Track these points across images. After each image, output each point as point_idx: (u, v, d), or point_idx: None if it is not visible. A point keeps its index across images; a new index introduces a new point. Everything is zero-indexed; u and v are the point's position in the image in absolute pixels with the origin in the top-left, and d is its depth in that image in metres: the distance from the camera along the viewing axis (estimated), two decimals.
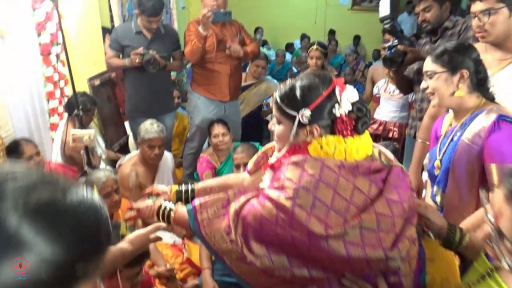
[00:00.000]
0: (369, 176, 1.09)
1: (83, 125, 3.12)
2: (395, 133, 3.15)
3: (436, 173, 1.57)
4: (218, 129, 3.04)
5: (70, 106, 3.08)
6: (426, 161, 1.82)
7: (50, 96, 3.17)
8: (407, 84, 2.62)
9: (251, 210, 1.09)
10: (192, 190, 1.49)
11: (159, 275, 2.41)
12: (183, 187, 1.50)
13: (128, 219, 1.46)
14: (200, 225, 1.17)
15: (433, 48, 1.66)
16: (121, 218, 2.34)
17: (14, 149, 2.44)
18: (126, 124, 4.25)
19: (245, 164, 2.31)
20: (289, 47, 8.16)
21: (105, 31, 3.80)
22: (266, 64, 4.04)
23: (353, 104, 1.11)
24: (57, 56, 3.16)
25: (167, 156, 2.92)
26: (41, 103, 3.10)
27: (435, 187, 1.60)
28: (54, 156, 3.15)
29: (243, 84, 3.72)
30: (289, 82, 1.18)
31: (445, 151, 1.54)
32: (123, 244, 1.25)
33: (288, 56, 7.54)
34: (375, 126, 3.19)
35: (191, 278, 2.56)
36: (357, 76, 5.29)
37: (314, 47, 3.50)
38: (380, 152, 1.21)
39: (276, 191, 1.06)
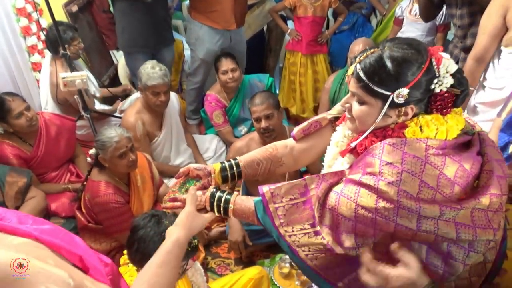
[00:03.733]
0: (468, 152, 0.98)
1: (71, 63, 2.77)
2: None
3: None
4: (226, 64, 2.73)
5: (50, 43, 2.68)
6: (499, 96, 1.67)
7: (26, 31, 2.73)
8: (431, 7, 2.34)
9: (341, 200, 0.97)
10: (238, 165, 1.30)
11: None
12: (227, 164, 1.30)
13: (169, 208, 1.24)
14: (273, 216, 1.05)
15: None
16: (138, 176, 2.19)
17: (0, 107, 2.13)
18: (112, 52, 3.84)
19: (266, 117, 2.12)
20: None
21: None
22: None
23: (453, 76, 0.95)
24: None
25: (172, 97, 2.65)
26: (18, 41, 2.68)
27: None
28: (44, 101, 2.85)
29: None
30: (370, 52, 0.96)
31: None
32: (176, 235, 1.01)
33: None
34: None
35: (216, 225, 2.53)
36: None
37: None
38: None
39: (371, 176, 0.93)
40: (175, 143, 2.71)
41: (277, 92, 3.46)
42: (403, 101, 0.93)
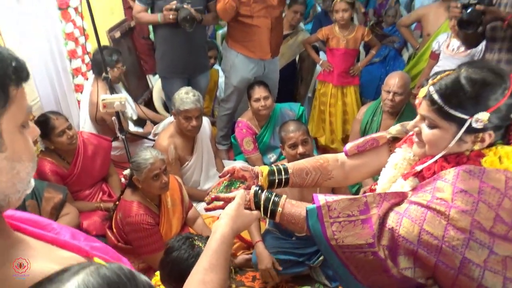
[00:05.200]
0: None
1: (112, 86, 2.90)
2: None
3: None
4: (259, 92, 2.78)
5: (95, 65, 2.82)
6: None
7: (72, 55, 2.88)
8: (476, 37, 2.34)
9: (404, 221, 0.92)
10: (286, 171, 1.27)
11: None
12: (275, 168, 1.27)
13: (210, 210, 1.20)
14: (326, 229, 1.00)
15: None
16: (168, 198, 2.22)
17: (44, 125, 2.24)
18: (148, 77, 3.99)
19: (303, 142, 2.13)
20: None
21: None
22: (305, 10, 3.65)
23: None
24: (75, 9, 2.82)
25: (204, 122, 2.71)
26: (64, 63, 2.83)
27: None
28: (82, 121, 2.97)
29: None
30: (445, 74, 0.94)
31: None
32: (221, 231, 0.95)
33: None
34: None
35: (241, 252, 2.51)
36: (388, 16, 4.80)
37: None
38: None
39: (442, 202, 0.89)
40: (205, 168, 2.75)
41: (307, 121, 3.47)
42: (481, 126, 0.89)
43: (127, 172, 2.11)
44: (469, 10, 2.08)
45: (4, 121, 0.56)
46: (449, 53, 2.80)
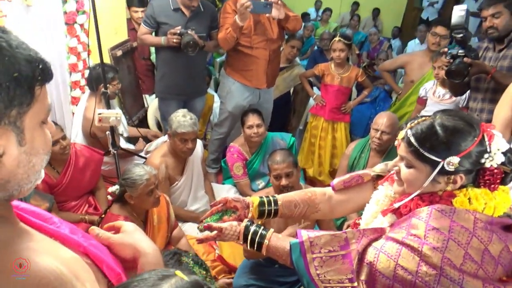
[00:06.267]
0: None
1: (109, 102, 2.94)
2: None
3: None
4: (253, 119, 2.86)
5: (92, 80, 2.88)
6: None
7: (73, 68, 2.95)
8: (462, 86, 2.48)
9: (381, 256, 0.97)
10: (276, 203, 1.33)
11: None
12: (265, 200, 1.33)
13: (202, 241, 1.25)
14: (309, 264, 1.06)
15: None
16: (155, 216, 2.23)
17: None
18: (144, 96, 4.05)
19: (286, 175, 2.16)
20: (303, 17, 7.78)
21: None
22: (302, 45, 3.80)
23: (504, 154, 0.99)
24: (81, 25, 2.90)
25: (197, 144, 2.76)
26: (64, 76, 2.89)
27: None
28: (74, 133, 2.98)
29: None
30: (422, 120, 1.02)
31: None
32: None
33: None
34: None
35: (222, 276, 2.50)
36: (380, 59, 5.04)
37: (337, 39, 3.23)
38: None
39: (415, 238, 0.94)
40: (194, 189, 2.77)
41: (297, 152, 3.55)
42: (453, 169, 0.96)
43: (113, 189, 2.12)
44: (457, 61, 2.22)
45: (27, 118, 0.59)
46: (435, 99, 2.94)
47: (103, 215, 2.19)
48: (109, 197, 2.15)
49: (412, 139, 1.00)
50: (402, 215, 1.05)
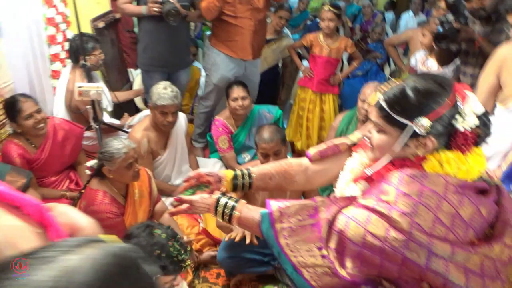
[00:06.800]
0: (485, 198, 0.97)
1: (90, 74, 2.86)
2: None
3: None
4: (238, 92, 2.79)
5: (73, 52, 2.79)
6: (492, 149, 1.66)
7: (52, 40, 2.84)
8: (449, 56, 2.42)
9: (351, 224, 0.95)
10: (250, 175, 1.30)
11: None
12: (239, 173, 1.30)
13: (174, 214, 1.25)
14: (278, 234, 1.03)
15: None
16: (136, 190, 2.19)
17: (11, 107, 2.19)
18: (130, 71, 3.96)
19: (275, 153, 2.11)
20: None
21: None
22: (290, 16, 3.69)
23: (478, 117, 0.95)
24: None
25: (181, 118, 2.70)
26: (42, 48, 2.78)
27: None
28: (56, 108, 2.91)
29: None
30: (394, 84, 0.99)
31: None
32: None
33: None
34: None
35: (207, 249, 2.49)
36: (374, 32, 4.92)
37: (326, 8, 3.13)
38: None
39: (385, 204, 0.92)
40: (177, 163, 2.73)
41: (285, 126, 3.50)
42: (423, 132, 0.93)
43: (91, 163, 2.08)
44: (446, 26, 2.17)
45: None
46: (424, 70, 2.87)
47: (82, 190, 2.16)
48: (88, 172, 2.10)
49: (383, 103, 0.97)
50: (374, 182, 1.02)
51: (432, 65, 2.81)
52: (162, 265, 1.30)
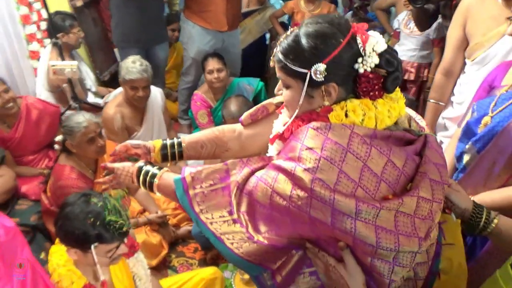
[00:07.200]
0: (404, 148, 0.90)
1: (67, 51, 2.85)
2: (411, 75, 2.79)
3: (478, 130, 1.29)
4: (213, 64, 2.72)
5: (51, 30, 2.77)
6: (461, 110, 1.57)
7: (25, 20, 2.82)
8: (426, 18, 2.28)
9: (259, 185, 0.90)
10: (180, 145, 1.25)
11: (151, 221, 2.32)
12: (168, 142, 1.25)
13: (101, 183, 1.23)
14: (192, 201, 0.98)
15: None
16: (105, 161, 2.18)
17: None
18: (116, 50, 3.93)
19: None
20: None
21: None
22: None
23: (380, 55, 0.86)
24: None
25: (156, 93, 2.66)
26: (16, 28, 2.77)
27: (469, 145, 1.32)
28: (39, 88, 2.91)
29: (244, 9, 3.30)
30: (290, 32, 0.91)
31: (503, 109, 1.23)
32: None
33: None
34: None
35: (185, 223, 2.48)
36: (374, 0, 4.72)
37: None
38: (410, 118, 0.99)
39: (290, 161, 0.86)
40: (155, 139, 2.69)
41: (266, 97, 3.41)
42: (321, 78, 0.85)
43: (59, 138, 2.07)
44: None
45: None
46: (406, 32, 2.73)
47: (52, 166, 2.16)
48: (57, 147, 2.10)
49: (280, 55, 0.90)
50: (286, 140, 0.95)
51: (412, 26, 2.67)
52: (97, 233, 1.27)
